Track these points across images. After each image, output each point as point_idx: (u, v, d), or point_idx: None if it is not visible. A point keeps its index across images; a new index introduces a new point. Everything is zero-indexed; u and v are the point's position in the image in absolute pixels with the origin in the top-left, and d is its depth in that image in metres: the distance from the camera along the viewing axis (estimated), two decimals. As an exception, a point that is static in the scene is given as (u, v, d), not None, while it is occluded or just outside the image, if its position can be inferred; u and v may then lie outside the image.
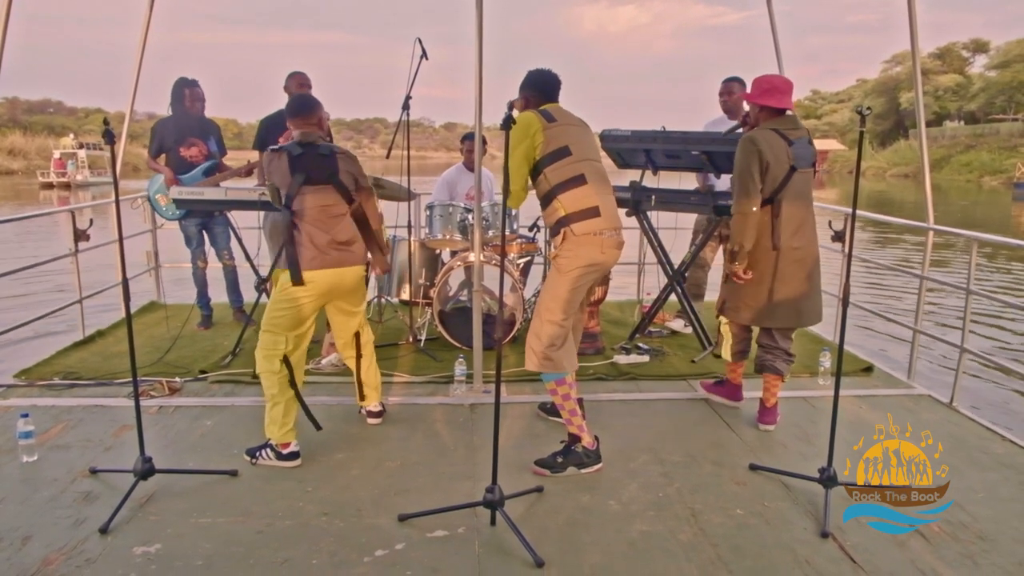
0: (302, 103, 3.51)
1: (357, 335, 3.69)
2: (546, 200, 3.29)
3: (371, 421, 3.80)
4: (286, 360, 3.33)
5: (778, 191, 3.52)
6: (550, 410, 3.92)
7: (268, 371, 3.33)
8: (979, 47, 60.43)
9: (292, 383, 3.36)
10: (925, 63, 54.01)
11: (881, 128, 58.57)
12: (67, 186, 39.86)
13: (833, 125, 65.23)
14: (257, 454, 3.35)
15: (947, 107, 56.00)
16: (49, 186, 39.80)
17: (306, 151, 3.36)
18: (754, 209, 3.49)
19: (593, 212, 3.21)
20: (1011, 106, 52.62)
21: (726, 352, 4.01)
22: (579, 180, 3.23)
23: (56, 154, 43.25)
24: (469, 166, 5.58)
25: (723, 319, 3.93)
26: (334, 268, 3.37)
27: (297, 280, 3.29)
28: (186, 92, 5.24)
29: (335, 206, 3.41)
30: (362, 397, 3.82)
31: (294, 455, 3.34)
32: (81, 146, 44.98)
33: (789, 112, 3.59)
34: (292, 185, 3.31)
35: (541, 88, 3.41)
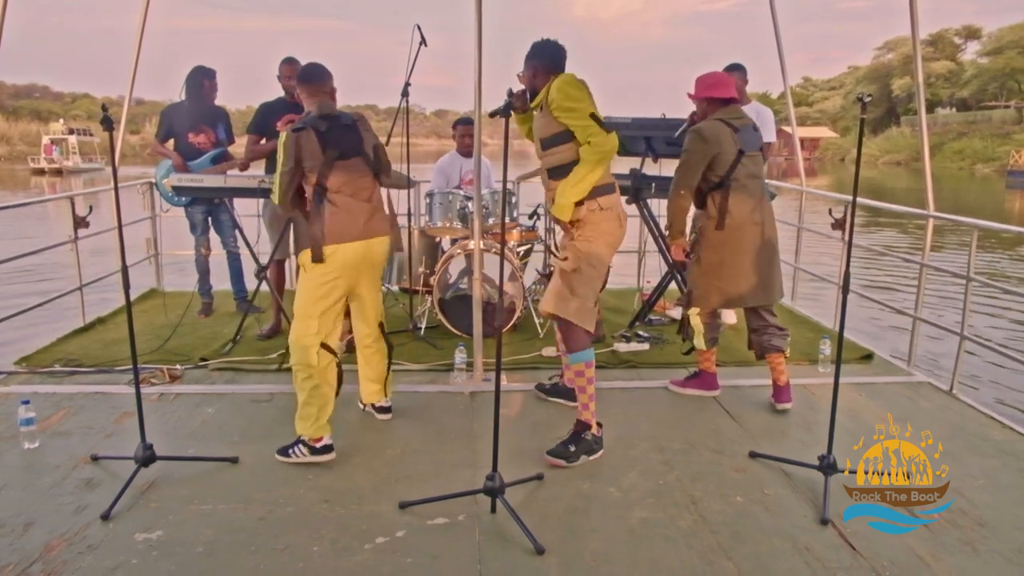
0: (316, 69, 3.39)
1: (381, 325, 3.58)
2: (567, 170, 3.24)
3: (383, 417, 3.71)
4: (325, 345, 3.25)
5: (729, 174, 3.65)
6: (549, 391, 3.94)
7: (305, 363, 3.20)
8: (971, 34, 60.08)
9: (338, 365, 3.32)
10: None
11: (872, 115, 58.45)
12: (59, 172, 39.53)
13: (825, 112, 64.99)
14: (290, 452, 3.26)
15: (939, 94, 55.76)
16: (40, 172, 39.47)
17: (332, 124, 3.27)
18: (683, 193, 3.72)
19: (612, 187, 3.32)
20: (1003, 93, 52.37)
21: (700, 342, 3.97)
22: None
23: (46, 139, 42.88)
24: (462, 152, 5.56)
25: (692, 310, 3.91)
26: (364, 240, 3.29)
27: (318, 258, 3.19)
28: (205, 83, 5.24)
29: (364, 178, 3.33)
30: (370, 393, 3.71)
31: (328, 448, 3.25)
32: (71, 131, 44.56)
33: (733, 104, 3.76)
34: (326, 162, 3.20)
35: (553, 57, 3.36)
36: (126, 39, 5.60)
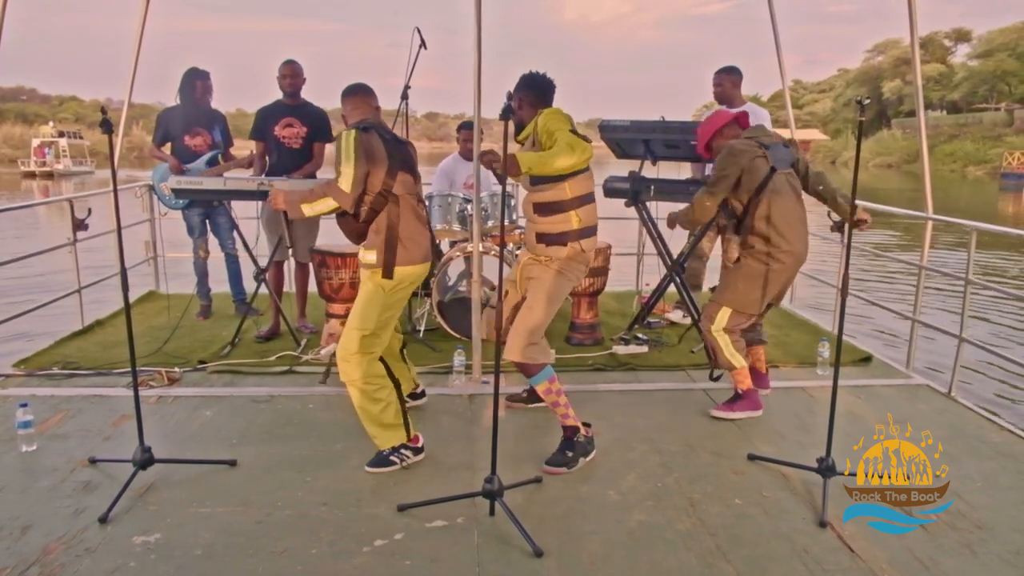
0: (360, 84, 3.31)
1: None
2: (556, 208, 3.26)
3: (420, 402, 3.84)
4: (382, 359, 3.24)
5: (760, 190, 3.60)
6: (526, 400, 3.93)
7: (373, 375, 3.15)
8: (961, 36, 60.09)
9: (393, 377, 3.28)
10: (907, 52, 53.62)
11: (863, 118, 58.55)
12: (50, 175, 39.29)
13: (815, 115, 64.99)
14: (391, 458, 3.19)
15: (929, 97, 55.71)
16: (31, 175, 39.28)
17: (391, 136, 3.18)
18: (708, 204, 3.72)
19: (595, 230, 3.37)
20: (993, 95, 52.33)
21: (738, 359, 3.78)
22: (592, 196, 3.35)
23: (35, 142, 42.68)
24: (465, 155, 5.55)
25: (719, 330, 3.75)
26: (428, 263, 3.28)
27: (388, 275, 3.12)
28: (198, 84, 5.20)
29: (415, 196, 3.24)
30: (409, 380, 3.72)
31: (422, 448, 3.30)
32: (61, 134, 44.34)
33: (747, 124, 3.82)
34: (391, 170, 3.09)
35: (540, 90, 3.37)
36: (114, 41, 5.70)
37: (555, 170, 3.09)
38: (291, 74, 4.94)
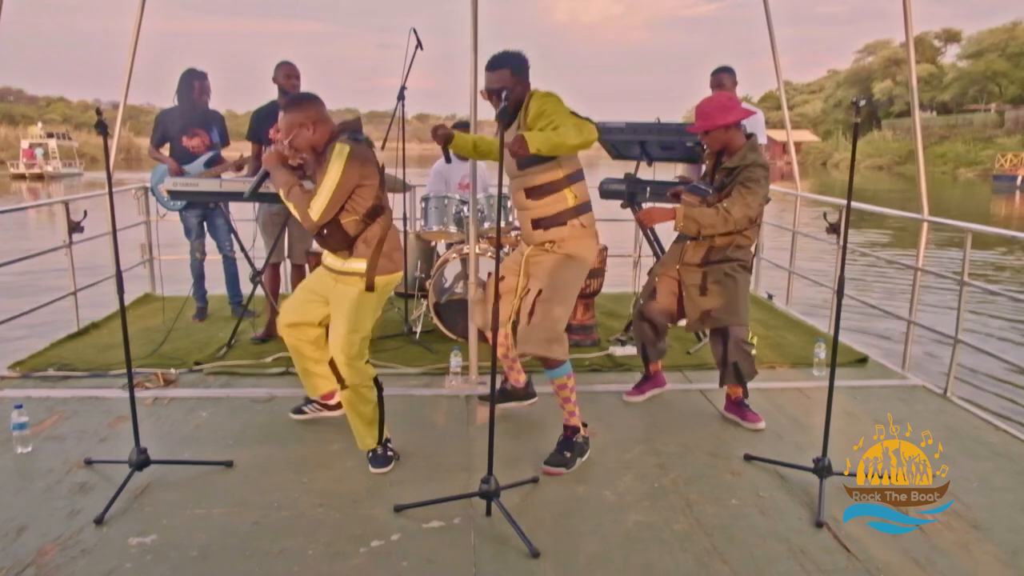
0: (312, 93, 3.21)
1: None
2: (551, 189, 3.23)
3: (336, 413, 3.66)
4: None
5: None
6: (498, 399, 3.87)
7: (369, 376, 3.19)
8: (951, 37, 60.11)
9: (376, 379, 3.26)
10: (897, 53, 53.59)
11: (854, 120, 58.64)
12: (39, 177, 39.01)
13: (805, 116, 65.20)
14: (389, 454, 3.25)
15: (920, 97, 55.59)
16: (21, 177, 38.95)
17: (370, 144, 3.18)
18: (738, 218, 3.47)
19: (590, 205, 3.34)
20: (983, 96, 52.38)
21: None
22: (582, 173, 3.32)
23: (25, 144, 42.37)
24: (460, 156, 5.54)
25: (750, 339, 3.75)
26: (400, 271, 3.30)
27: (371, 287, 3.16)
28: (196, 85, 5.20)
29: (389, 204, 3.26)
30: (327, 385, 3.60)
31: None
32: (50, 135, 44.01)
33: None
34: (382, 181, 3.13)
35: (526, 70, 3.27)
36: (103, 42, 5.70)
37: (566, 149, 3.03)
38: (292, 75, 4.93)
